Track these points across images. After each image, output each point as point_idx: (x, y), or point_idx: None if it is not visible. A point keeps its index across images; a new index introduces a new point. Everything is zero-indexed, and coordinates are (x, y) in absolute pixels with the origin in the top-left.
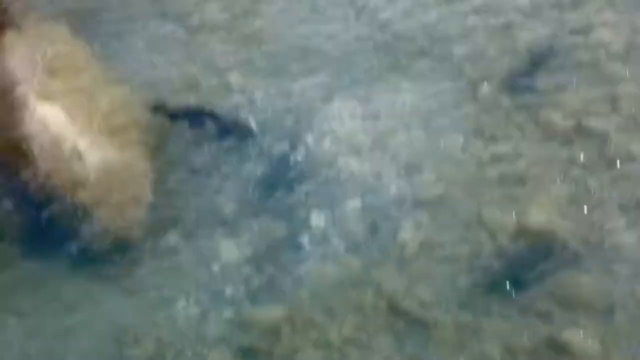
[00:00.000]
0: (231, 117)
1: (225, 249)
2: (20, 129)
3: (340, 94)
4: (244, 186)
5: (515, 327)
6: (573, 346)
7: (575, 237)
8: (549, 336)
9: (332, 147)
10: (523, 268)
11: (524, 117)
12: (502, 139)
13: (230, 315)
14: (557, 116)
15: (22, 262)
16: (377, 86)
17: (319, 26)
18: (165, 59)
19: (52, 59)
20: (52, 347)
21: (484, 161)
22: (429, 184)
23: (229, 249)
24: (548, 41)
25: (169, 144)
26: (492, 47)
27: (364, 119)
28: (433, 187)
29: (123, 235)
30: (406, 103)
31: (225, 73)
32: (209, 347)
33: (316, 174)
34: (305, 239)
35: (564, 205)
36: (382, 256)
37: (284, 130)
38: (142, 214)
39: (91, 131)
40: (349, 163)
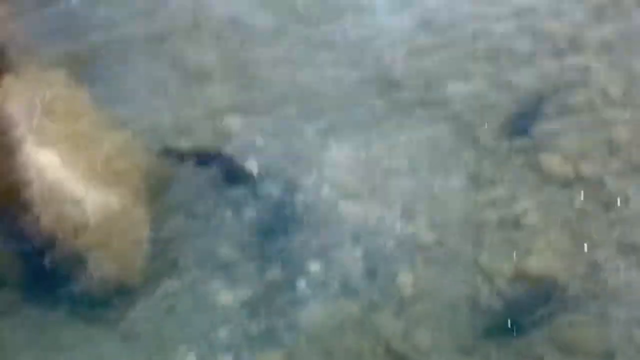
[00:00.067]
0: (235, 160)
1: (224, 293)
2: (19, 174)
3: (339, 138)
4: (242, 231)
5: None
6: None
7: (574, 282)
8: None
9: (330, 192)
10: (522, 313)
11: (521, 161)
12: (500, 183)
13: None
14: (555, 161)
15: (22, 307)
16: (375, 131)
17: (317, 70)
18: (164, 102)
19: (51, 102)
20: None
21: (482, 205)
22: (427, 228)
23: (227, 294)
24: (545, 86)
25: (169, 189)
26: (490, 92)
27: (362, 163)
28: (431, 231)
29: (122, 280)
30: (404, 147)
31: (224, 117)
32: None
33: (314, 218)
34: (303, 283)
35: (562, 250)
36: (380, 301)
37: (283, 175)
38: (140, 259)
39: (90, 176)
40: (347, 207)
